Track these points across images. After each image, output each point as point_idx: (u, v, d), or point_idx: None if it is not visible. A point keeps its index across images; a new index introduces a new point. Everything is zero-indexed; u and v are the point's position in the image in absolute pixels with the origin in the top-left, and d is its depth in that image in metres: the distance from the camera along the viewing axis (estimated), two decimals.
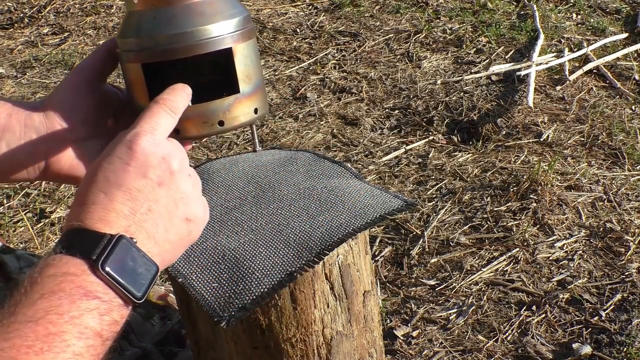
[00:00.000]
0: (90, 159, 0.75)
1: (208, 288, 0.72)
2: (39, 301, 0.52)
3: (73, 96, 0.73)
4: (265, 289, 0.71)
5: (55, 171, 0.74)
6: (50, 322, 0.51)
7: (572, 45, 2.86)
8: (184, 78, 0.72)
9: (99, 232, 0.56)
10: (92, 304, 0.54)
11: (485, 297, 1.56)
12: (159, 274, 0.61)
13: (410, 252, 1.71)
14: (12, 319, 0.51)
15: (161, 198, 0.61)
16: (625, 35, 2.94)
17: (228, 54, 0.70)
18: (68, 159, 0.73)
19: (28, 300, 0.52)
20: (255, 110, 0.74)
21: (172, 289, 1.19)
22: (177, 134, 0.71)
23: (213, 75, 0.73)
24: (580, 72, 2.61)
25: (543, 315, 1.51)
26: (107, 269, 0.55)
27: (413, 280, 1.63)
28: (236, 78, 0.71)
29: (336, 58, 2.81)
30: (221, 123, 0.71)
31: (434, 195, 1.94)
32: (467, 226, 1.79)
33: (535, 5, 3.18)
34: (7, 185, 1.99)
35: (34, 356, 0.49)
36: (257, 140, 0.81)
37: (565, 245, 1.71)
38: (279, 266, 0.73)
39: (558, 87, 2.52)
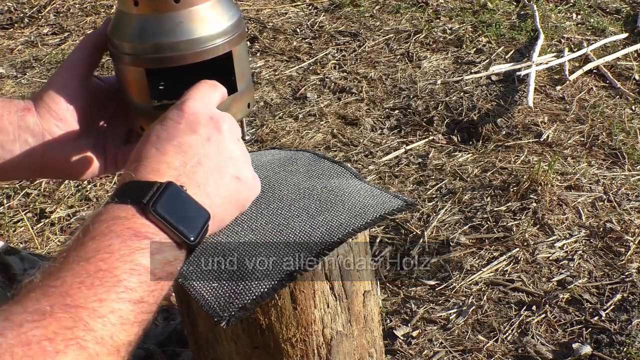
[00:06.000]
0: (85, 154, 0.75)
1: (208, 288, 0.72)
2: (89, 242, 0.54)
3: (65, 94, 0.73)
4: (265, 289, 0.71)
5: (52, 169, 0.74)
6: (102, 260, 0.53)
7: (572, 45, 2.86)
8: (187, 80, 0.73)
9: (150, 181, 0.58)
10: (143, 244, 0.55)
11: (485, 297, 1.56)
12: (210, 226, 0.62)
13: (410, 252, 1.71)
14: (64, 261, 0.53)
15: (211, 153, 0.63)
16: (625, 35, 2.94)
17: (229, 56, 0.71)
18: (65, 158, 0.74)
19: (79, 244, 0.54)
20: (248, 105, 0.77)
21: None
22: None
23: (213, 77, 0.75)
24: (580, 72, 2.61)
25: (543, 315, 1.51)
26: (158, 210, 0.56)
27: (413, 280, 1.63)
28: (235, 78, 0.73)
29: (336, 58, 2.81)
30: None
31: (434, 195, 1.94)
32: (467, 226, 1.79)
33: (535, 5, 3.18)
34: (7, 185, 1.99)
35: (85, 290, 0.51)
36: (245, 129, 0.82)
37: (565, 245, 1.71)
38: (279, 266, 0.73)
39: (558, 87, 2.52)
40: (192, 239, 0.58)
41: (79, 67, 0.74)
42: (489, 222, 1.80)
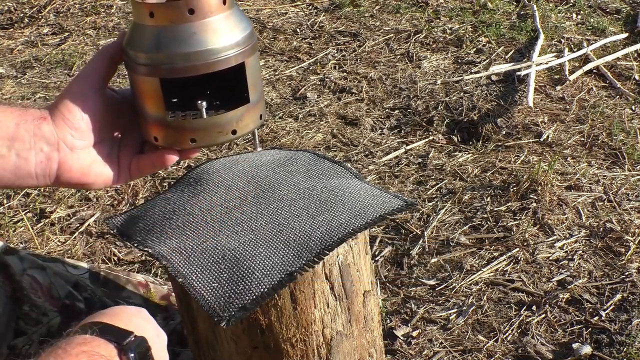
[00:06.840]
0: (99, 164, 0.76)
1: (208, 288, 0.72)
2: None
3: (81, 104, 0.74)
4: (265, 289, 0.71)
5: (67, 179, 0.74)
6: None
7: (572, 45, 2.86)
8: (200, 90, 0.75)
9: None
10: None
11: (485, 297, 1.56)
12: None
13: (410, 252, 1.71)
14: None
15: None
16: (625, 35, 2.94)
17: (242, 68, 0.73)
18: (79, 167, 0.74)
19: None
20: (260, 116, 0.78)
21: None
22: (194, 142, 0.74)
23: (226, 87, 0.76)
24: (580, 72, 2.61)
25: (543, 315, 1.51)
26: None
27: (413, 280, 1.63)
28: (247, 89, 0.74)
29: (336, 58, 2.81)
30: (234, 132, 0.75)
31: (434, 195, 1.94)
32: (467, 226, 1.79)
33: (535, 5, 3.18)
34: None
35: None
36: (257, 141, 0.84)
37: (565, 245, 1.71)
38: (279, 266, 0.73)
39: (558, 87, 2.52)
40: None
41: (94, 78, 0.75)
42: (489, 222, 1.80)
